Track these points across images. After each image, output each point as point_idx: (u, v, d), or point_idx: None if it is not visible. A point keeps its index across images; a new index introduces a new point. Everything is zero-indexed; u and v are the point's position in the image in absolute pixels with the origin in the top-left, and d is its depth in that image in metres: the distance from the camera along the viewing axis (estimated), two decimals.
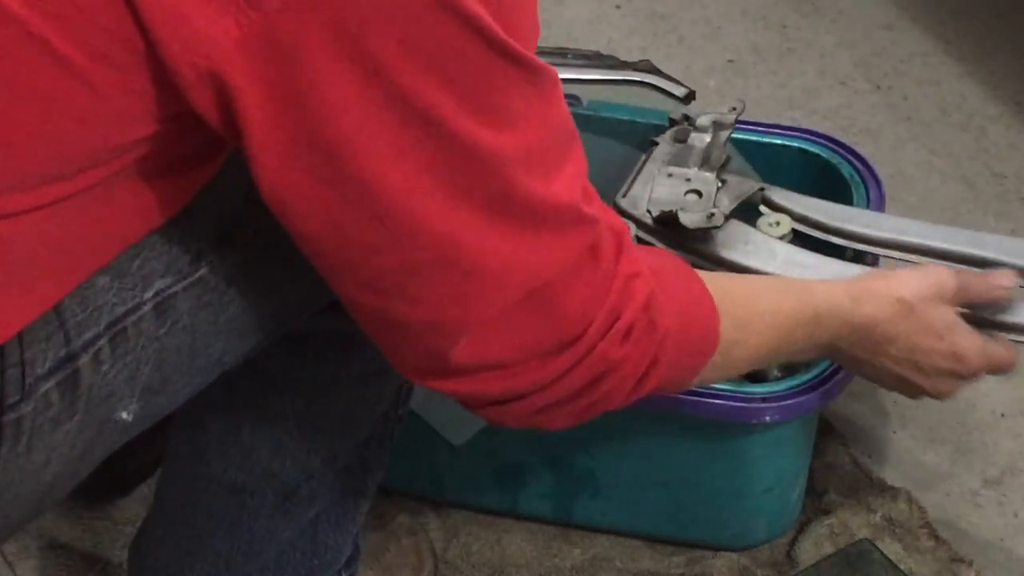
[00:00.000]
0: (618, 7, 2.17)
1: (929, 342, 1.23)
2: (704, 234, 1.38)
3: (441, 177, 0.90)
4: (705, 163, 1.43)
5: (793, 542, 1.49)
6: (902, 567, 1.44)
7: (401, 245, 0.92)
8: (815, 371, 1.35)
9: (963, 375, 1.26)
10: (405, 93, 0.87)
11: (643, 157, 1.47)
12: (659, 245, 1.39)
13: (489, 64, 0.89)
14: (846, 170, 1.53)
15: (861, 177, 1.52)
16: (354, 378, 1.14)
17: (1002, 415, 1.62)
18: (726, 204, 1.39)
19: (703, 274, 1.11)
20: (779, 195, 1.45)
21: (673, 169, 1.44)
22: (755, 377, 1.54)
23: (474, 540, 1.51)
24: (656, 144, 1.48)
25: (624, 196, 1.44)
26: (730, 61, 2.08)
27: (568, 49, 1.65)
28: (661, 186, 1.42)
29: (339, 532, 1.23)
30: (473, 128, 0.89)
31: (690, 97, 1.51)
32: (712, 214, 1.37)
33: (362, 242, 0.92)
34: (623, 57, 1.65)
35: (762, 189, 1.44)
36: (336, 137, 0.87)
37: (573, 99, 1.58)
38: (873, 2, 2.16)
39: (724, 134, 1.45)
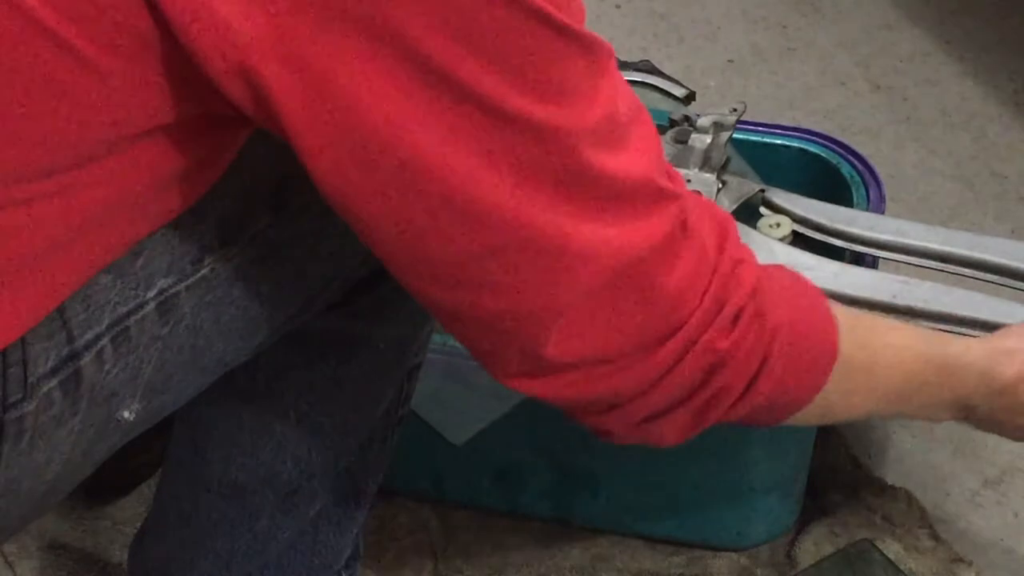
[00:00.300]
0: (618, 7, 2.17)
1: None
2: None
3: (502, 157, 0.87)
4: (705, 164, 1.43)
5: (793, 542, 1.49)
6: (902, 567, 1.45)
7: (471, 231, 0.89)
8: None
9: None
10: (446, 72, 0.84)
11: None
12: None
13: (539, 37, 0.86)
14: (846, 170, 1.53)
15: (861, 177, 1.52)
16: (356, 378, 1.14)
17: None
18: (726, 205, 1.39)
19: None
20: (779, 196, 1.45)
21: None
22: None
23: (474, 540, 1.51)
24: None
25: None
26: (730, 61, 2.08)
27: None
28: None
29: (340, 532, 1.23)
30: (528, 104, 0.86)
31: (690, 98, 1.51)
32: None
33: (429, 232, 0.89)
34: (623, 57, 1.65)
35: (763, 191, 1.44)
36: (380, 126, 0.85)
37: None
38: (873, 2, 2.16)
39: (725, 135, 1.45)
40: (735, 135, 1.52)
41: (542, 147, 0.87)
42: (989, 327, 1.29)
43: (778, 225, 1.40)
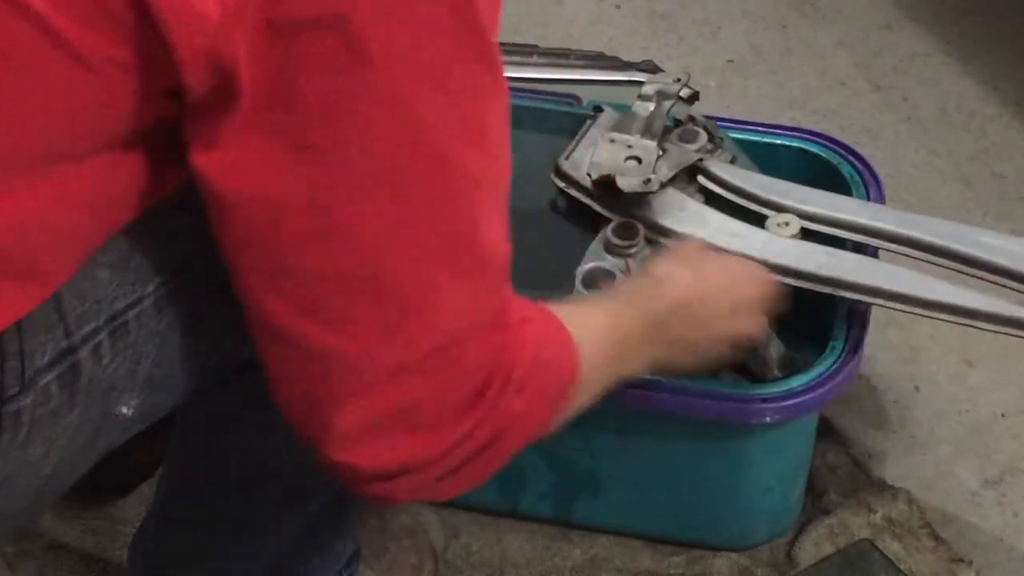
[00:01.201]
0: (618, 7, 2.17)
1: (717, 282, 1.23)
2: (640, 199, 1.40)
3: (404, 189, 0.87)
4: (647, 131, 1.45)
5: (793, 542, 1.50)
6: (902, 567, 1.45)
7: (334, 249, 0.88)
8: (815, 371, 1.35)
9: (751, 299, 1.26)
10: (390, 83, 0.84)
11: (587, 122, 1.49)
12: (597, 208, 1.42)
13: (474, 70, 0.87)
14: (846, 170, 1.53)
15: (861, 177, 1.52)
16: None
17: (1002, 415, 1.62)
18: (664, 172, 1.41)
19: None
20: (716, 167, 1.45)
21: (615, 135, 1.45)
22: (755, 377, 1.54)
23: (474, 540, 1.51)
24: (601, 111, 1.50)
25: (566, 159, 1.46)
26: (730, 61, 2.08)
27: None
28: (602, 151, 1.44)
29: (339, 528, 1.23)
30: (452, 140, 0.87)
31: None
32: (648, 180, 1.39)
33: (298, 229, 0.88)
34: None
35: (701, 160, 1.45)
36: (312, 107, 0.84)
37: (573, 99, 1.59)
38: (873, 2, 2.16)
39: (667, 104, 1.47)
40: (736, 136, 1.52)
41: (450, 191, 0.88)
42: (914, 302, 1.30)
43: (787, 224, 1.41)
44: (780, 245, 1.37)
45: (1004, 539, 1.51)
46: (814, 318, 1.46)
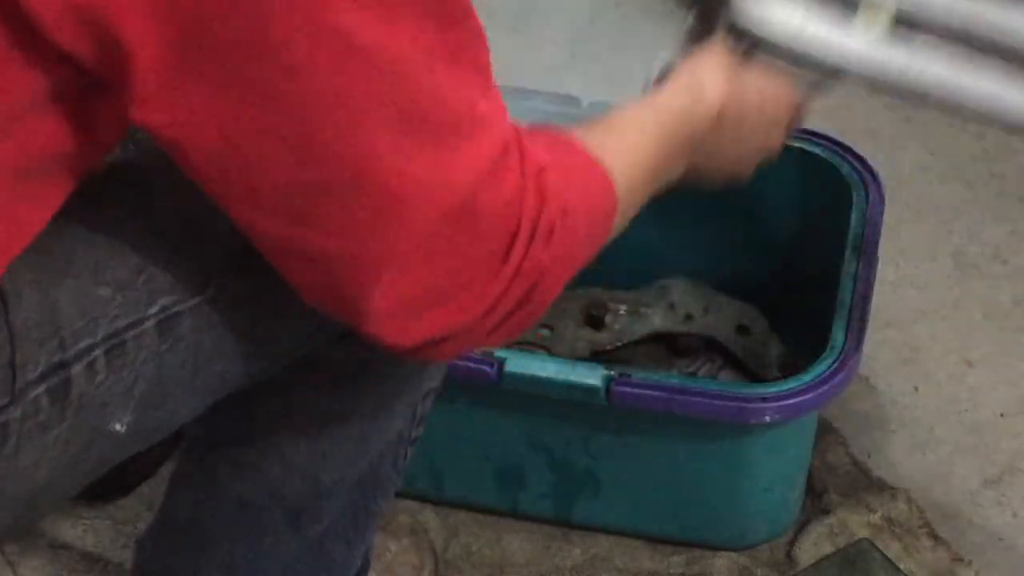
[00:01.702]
0: (618, 7, 2.17)
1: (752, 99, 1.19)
2: None
3: (350, 88, 0.84)
4: None
5: (793, 542, 1.50)
6: (902, 567, 1.45)
7: (305, 162, 0.86)
8: (815, 371, 1.35)
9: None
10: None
11: None
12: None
13: None
14: (846, 170, 1.53)
15: (861, 177, 1.52)
16: (368, 403, 1.13)
17: (1002, 415, 1.62)
18: None
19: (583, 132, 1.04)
20: None
21: None
22: (755, 377, 1.54)
23: (474, 540, 1.51)
24: None
25: None
26: None
27: None
28: None
29: (349, 548, 1.22)
30: (371, 25, 0.83)
31: None
32: None
33: (254, 154, 0.86)
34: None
35: None
36: (230, 35, 0.81)
37: (572, 100, 1.58)
38: None
39: None
40: None
41: (389, 80, 0.84)
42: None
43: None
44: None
45: (1004, 539, 1.51)
46: (814, 318, 1.46)
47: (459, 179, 0.89)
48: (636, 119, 1.11)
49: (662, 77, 1.23)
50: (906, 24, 1.23)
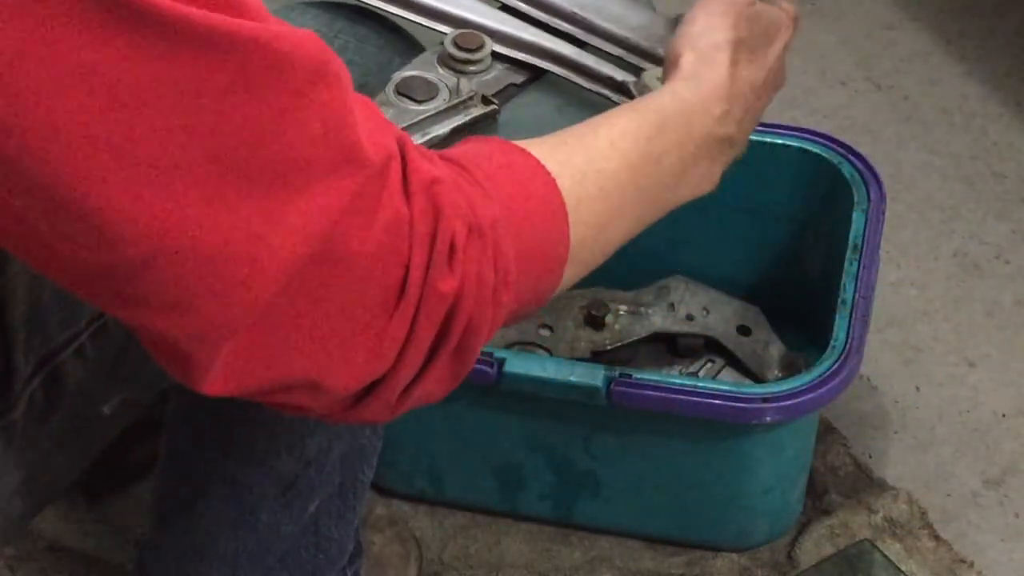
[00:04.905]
0: None
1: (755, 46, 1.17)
2: None
3: (129, 119, 0.68)
4: None
5: (793, 543, 1.49)
6: (902, 568, 1.44)
7: (105, 244, 0.71)
8: (815, 371, 1.35)
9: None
10: None
11: None
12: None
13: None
14: (846, 170, 1.53)
15: (861, 177, 1.52)
16: None
17: (1002, 415, 1.62)
18: None
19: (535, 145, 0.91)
20: None
21: None
22: (755, 377, 1.54)
23: (472, 541, 1.51)
24: None
25: None
26: None
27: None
28: None
29: (340, 525, 1.23)
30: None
31: None
32: None
33: (54, 242, 0.71)
34: None
35: None
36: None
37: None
38: (873, 2, 2.16)
39: None
40: None
41: (196, 104, 0.69)
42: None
43: None
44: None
45: (1005, 539, 1.51)
46: (814, 318, 1.46)
47: (308, 223, 0.74)
48: (618, 121, 0.99)
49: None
50: None
